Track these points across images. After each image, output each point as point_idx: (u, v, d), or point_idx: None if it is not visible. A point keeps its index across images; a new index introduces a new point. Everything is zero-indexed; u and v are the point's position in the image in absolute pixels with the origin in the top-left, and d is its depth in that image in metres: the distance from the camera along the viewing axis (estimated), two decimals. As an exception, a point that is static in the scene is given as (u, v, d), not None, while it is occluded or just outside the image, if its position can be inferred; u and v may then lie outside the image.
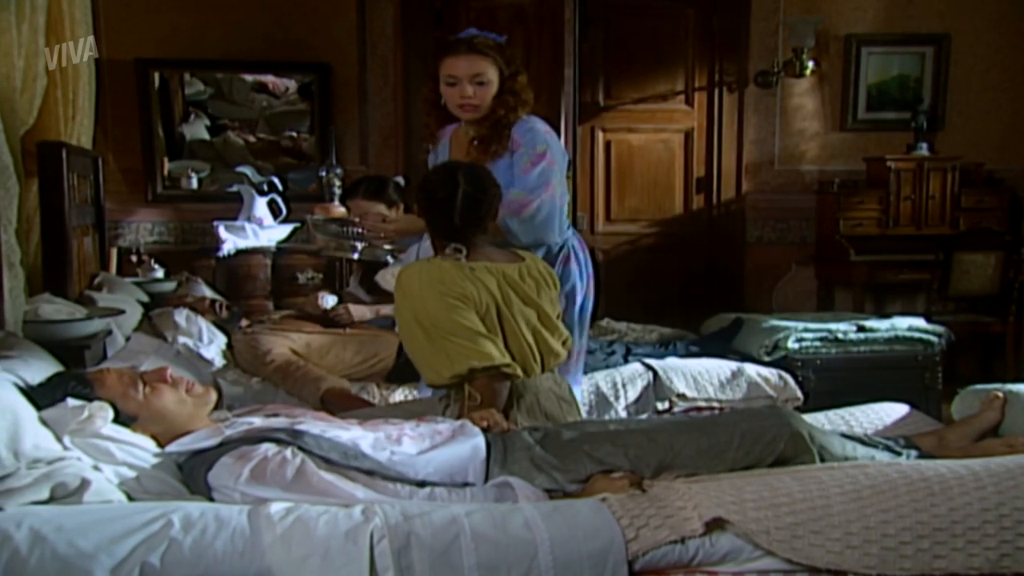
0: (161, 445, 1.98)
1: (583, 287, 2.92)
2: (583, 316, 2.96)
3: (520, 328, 2.40)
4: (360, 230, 2.95)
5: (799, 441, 2.10)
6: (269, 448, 1.88)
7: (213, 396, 2.15)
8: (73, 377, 2.05)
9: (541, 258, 2.70)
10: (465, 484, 1.98)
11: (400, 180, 2.44)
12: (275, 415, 2.15)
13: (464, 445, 2.03)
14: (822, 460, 2.11)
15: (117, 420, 1.94)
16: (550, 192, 2.73)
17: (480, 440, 2.06)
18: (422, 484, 1.94)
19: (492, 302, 2.36)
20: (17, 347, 2.24)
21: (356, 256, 2.94)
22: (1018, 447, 2.22)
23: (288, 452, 1.88)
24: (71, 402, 1.90)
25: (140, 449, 1.92)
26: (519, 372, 2.39)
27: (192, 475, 1.91)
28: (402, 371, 3.40)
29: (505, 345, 2.38)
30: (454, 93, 2.75)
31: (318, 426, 2.04)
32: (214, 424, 2.06)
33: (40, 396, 1.95)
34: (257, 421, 2.05)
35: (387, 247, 3.08)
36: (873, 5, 5.54)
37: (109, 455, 1.85)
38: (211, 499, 1.85)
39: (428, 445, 2.03)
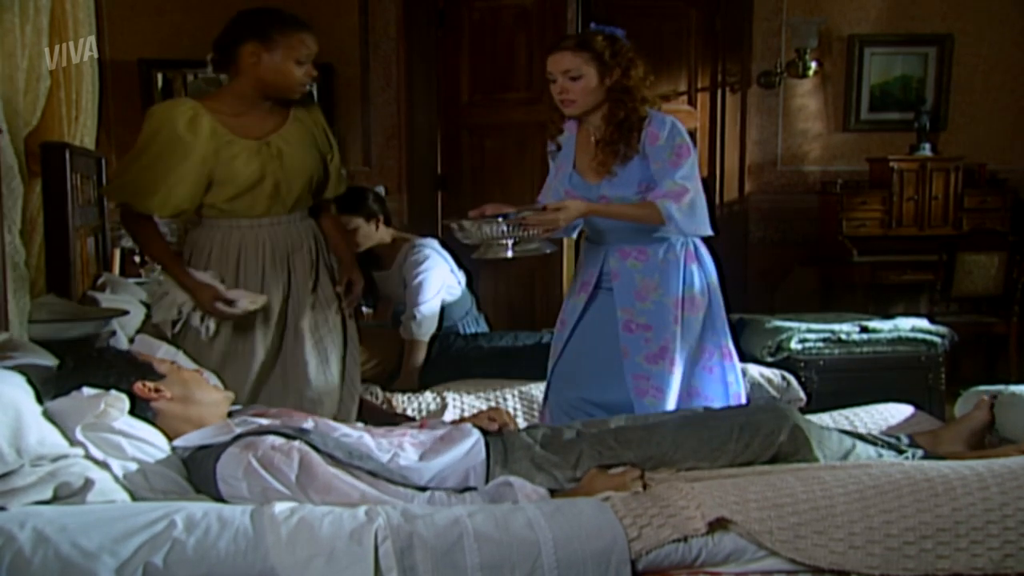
0: (170, 440, 1.98)
1: (704, 287, 2.85)
2: (711, 316, 2.87)
3: None
4: (519, 224, 2.59)
5: (798, 435, 2.10)
6: (276, 439, 1.90)
7: (231, 397, 2.18)
8: (130, 362, 2.05)
9: (663, 254, 2.74)
10: (467, 489, 1.98)
11: (381, 190, 2.29)
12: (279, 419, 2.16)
13: (462, 447, 2.04)
14: (823, 456, 2.11)
15: (132, 412, 1.93)
16: (697, 183, 2.73)
17: (477, 440, 2.07)
18: (424, 489, 1.94)
19: None
20: (20, 348, 2.24)
21: (510, 255, 2.61)
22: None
23: (296, 443, 1.89)
24: (87, 391, 1.89)
25: (150, 445, 1.91)
26: None
27: (199, 467, 1.91)
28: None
29: None
30: (554, 89, 2.79)
31: (324, 427, 2.05)
32: (224, 421, 2.07)
33: (84, 374, 1.96)
34: (264, 422, 2.06)
35: (547, 238, 2.72)
36: (876, 5, 5.53)
37: (119, 450, 1.84)
38: (217, 491, 1.85)
39: (429, 449, 2.04)
